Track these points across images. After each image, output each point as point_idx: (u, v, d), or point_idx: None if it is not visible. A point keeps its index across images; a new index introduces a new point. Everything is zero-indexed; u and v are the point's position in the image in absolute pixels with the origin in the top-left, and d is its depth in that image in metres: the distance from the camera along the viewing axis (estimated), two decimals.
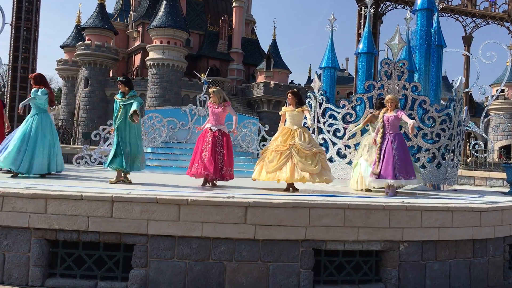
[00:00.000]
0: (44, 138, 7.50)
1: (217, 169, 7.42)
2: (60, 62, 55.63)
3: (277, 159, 7.09)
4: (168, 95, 44.11)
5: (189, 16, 51.40)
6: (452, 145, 9.28)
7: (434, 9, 10.80)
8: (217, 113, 7.71)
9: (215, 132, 7.59)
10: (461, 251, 6.05)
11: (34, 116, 7.54)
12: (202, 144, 7.55)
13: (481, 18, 26.25)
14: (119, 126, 7.20)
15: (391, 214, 5.59)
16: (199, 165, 7.39)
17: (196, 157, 7.52)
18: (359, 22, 21.39)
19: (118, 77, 7.92)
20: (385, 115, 7.44)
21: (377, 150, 7.33)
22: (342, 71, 58.37)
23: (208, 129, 7.66)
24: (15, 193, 5.17)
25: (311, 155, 7.12)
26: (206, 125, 7.80)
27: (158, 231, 5.15)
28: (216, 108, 7.73)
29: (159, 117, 12.36)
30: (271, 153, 7.22)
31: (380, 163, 7.23)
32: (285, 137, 7.30)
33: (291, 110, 7.47)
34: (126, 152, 7.15)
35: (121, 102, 7.25)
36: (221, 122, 7.74)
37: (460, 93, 9.60)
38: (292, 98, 7.54)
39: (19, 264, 5.17)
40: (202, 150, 7.49)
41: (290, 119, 7.49)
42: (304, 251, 5.38)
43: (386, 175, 7.16)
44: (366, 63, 10.92)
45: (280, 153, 7.12)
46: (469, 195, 8.25)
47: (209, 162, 7.33)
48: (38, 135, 7.43)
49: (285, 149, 7.11)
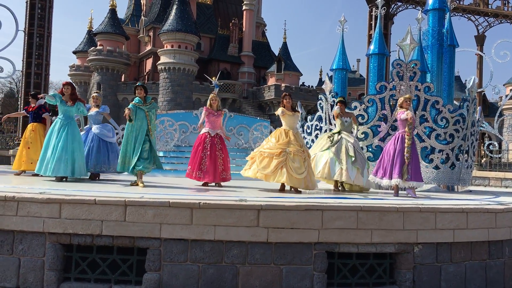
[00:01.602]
0: (80, 144, 7.88)
1: (217, 173, 7.88)
2: (73, 68, 56.18)
3: (268, 161, 7.12)
4: (180, 99, 44.32)
5: (200, 20, 51.61)
6: (466, 145, 9.19)
7: (446, 8, 10.73)
8: (214, 120, 8.17)
9: (214, 137, 8.05)
10: (477, 253, 5.98)
11: (66, 124, 7.81)
12: (202, 151, 7.94)
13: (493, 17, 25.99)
14: (147, 129, 7.50)
15: (404, 216, 5.55)
16: (199, 173, 7.88)
17: (195, 161, 7.95)
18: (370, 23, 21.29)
19: (139, 82, 8.15)
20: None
21: (408, 154, 7.14)
22: (353, 73, 58.20)
23: (207, 134, 8.05)
24: (29, 197, 5.22)
25: (301, 160, 7.17)
26: (203, 130, 8.19)
27: (171, 235, 5.16)
28: (214, 115, 8.17)
29: (171, 121, 12.42)
30: (261, 154, 7.24)
31: (408, 167, 7.16)
32: (279, 139, 7.31)
33: (290, 113, 7.53)
34: (147, 155, 7.44)
35: (145, 108, 7.51)
36: (218, 127, 8.21)
37: (474, 93, 9.51)
38: (291, 101, 7.63)
39: (34, 268, 5.22)
40: (201, 157, 7.90)
41: (287, 122, 7.53)
42: (317, 254, 5.35)
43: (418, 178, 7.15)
44: (377, 64, 10.87)
45: (272, 154, 7.16)
46: (484, 196, 8.16)
47: (209, 170, 7.83)
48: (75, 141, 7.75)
49: (279, 151, 7.13)
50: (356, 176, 7.95)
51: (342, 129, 8.31)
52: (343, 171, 7.87)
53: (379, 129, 9.02)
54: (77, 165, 7.73)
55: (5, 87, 65.18)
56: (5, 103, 65.04)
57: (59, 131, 7.73)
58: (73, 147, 7.71)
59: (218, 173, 7.91)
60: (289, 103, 7.60)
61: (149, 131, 7.51)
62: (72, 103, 7.99)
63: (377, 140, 9.01)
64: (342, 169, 7.89)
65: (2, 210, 5.18)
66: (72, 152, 7.68)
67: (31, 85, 15.80)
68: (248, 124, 12.89)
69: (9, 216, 5.17)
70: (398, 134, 7.33)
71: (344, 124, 8.34)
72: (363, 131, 9.09)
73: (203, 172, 7.86)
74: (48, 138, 7.82)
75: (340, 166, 7.90)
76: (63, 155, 7.58)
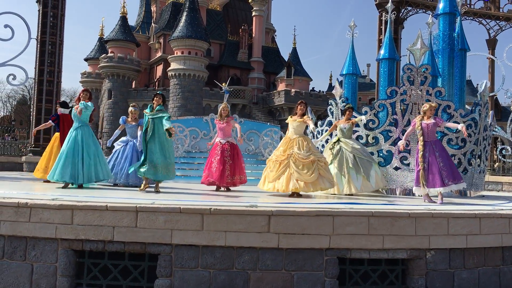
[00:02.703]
0: (89, 149, 7.90)
1: (223, 176, 8.27)
2: (84, 75, 56.72)
3: (276, 169, 7.61)
4: (190, 105, 44.48)
5: (209, 26, 51.84)
6: (478, 150, 9.10)
7: (457, 13, 10.68)
8: (223, 128, 8.63)
9: (224, 145, 8.52)
10: (490, 259, 5.91)
11: (77, 130, 7.90)
12: (212, 156, 8.49)
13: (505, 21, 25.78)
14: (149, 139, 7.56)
15: (416, 222, 5.50)
16: (207, 174, 8.40)
17: (206, 166, 8.50)
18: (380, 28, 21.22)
19: (159, 91, 8.34)
20: (423, 122, 7.29)
21: (421, 158, 7.15)
22: (364, 77, 57.98)
23: (218, 143, 8.58)
24: (42, 204, 5.26)
25: (308, 163, 7.41)
26: (215, 140, 8.74)
27: (182, 241, 5.17)
28: (222, 124, 8.65)
29: (181, 127, 12.46)
30: (273, 163, 7.73)
31: (426, 173, 7.10)
32: (285, 146, 7.72)
33: (294, 120, 7.85)
34: (153, 162, 7.47)
35: (150, 115, 7.58)
36: (228, 135, 8.66)
37: (485, 97, 9.43)
38: (304, 107, 7.93)
39: (47, 275, 5.25)
40: (212, 161, 8.44)
41: (292, 128, 7.85)
42: (328, 260, 5.33)
43: (434, 184, 7.06)
44: (388, 69, 10.84)
45: (279, 162, 7.60)
46: (497, 201, 8.07)
47: (216, 171, 8.25)
48: (84, 146, 7.83)
49: (284, 158, 7.55)
50: (363, 184, 8.23)
51: (340, 136, 8.59)
52: (350, 185, 8.17)
53: (390, 134, 8.98)
54: (86, 170, 7.77)
55: (17, 94, 66.05)
56: (17, 110, 65.85)
57: (73, 138, 7.84)
58: (83, 153, 7.77)
59: (225, 177, 8.30)
60: (302, 110, 7.90)
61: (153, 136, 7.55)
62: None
63: (388, 145, 8.98)
64: (348, 183, 8.18)
65: (15, 216, 5.23)
66: (82, 158, 7.74)
67: (44, 92, 15.92)
68: (258, 129, 12.89)
69: (22, 223, 5.22)
70: (430, 143, 7.23)
71: (343, 131, 8.60)
72: (374, 136, 9.06)
73: (210, 172, 8.38)
74: (64, 145, 7.93)
75: (346, 180, 8.18)
76: (71, 161, 7.64)
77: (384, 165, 9.00)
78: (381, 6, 20.50)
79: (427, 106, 7.36)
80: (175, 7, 51.94)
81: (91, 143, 7.97)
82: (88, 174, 7.80)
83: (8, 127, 30.79)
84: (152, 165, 7.44)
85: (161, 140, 7.51)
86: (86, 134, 7.95)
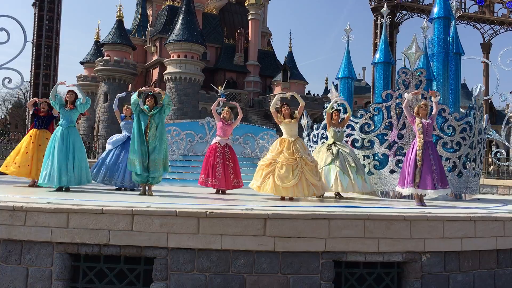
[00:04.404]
0: (81, 153, 7.88)
1: (229, 182, 8.48)
2: (80, 78, 56.55)
3: (291, 174, 7.19)
4: (186, 109, 44.44)
5: (206, 29, 51.87)
6: (473, 153, 9.14)
7: (451, 17, 10.74)
8: (226, 129, 8.82)
9: (224, 147, 8.65)
10: (485, 262, 5.93)
11: (67, 129, 7.81)
12: (215, 159, 8.48)
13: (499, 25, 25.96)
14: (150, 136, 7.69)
15: (412, 225, 5.52)
16: (216, 180, 8.41)
17: (208, 169, 8.49)
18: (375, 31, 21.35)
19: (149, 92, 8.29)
20: (424, 120, 7.26)
21: (419, 157, 7.08)
22: (359, 81, 58.22)
23: (217, 144, 8.65)
24: (37, 207, 5.25)
25: (313, 168, 7.43)
26: (214, 140, 8.85)
27: (178, 244, 5.17)
28: (226, 124, 8.83)
29: (177, 130, 12.46)
30: (282, 166, 7.28)
31: (420, 172, 7.09)
32: (290, 149, 7.42)
33: (288, 121, 7.71)
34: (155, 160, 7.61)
35: (148, 114, 7.70)
36: (227, 136, 8.88)
37: (480, 101, 9.48)
38: (288, 108, 7.83)
39: (42, 278, 5.23)
40: (215, 165, 8.44)
41: (287, 130, 7.70)
42: (324, 263, 5.34)
43: (426, 185, 7.05)
44: (383, 72, 10.88)
45: (292, 166, 7.25)
46: (492, 204, 8.10)
47: (224, 179, 8.42)
48: (76, 150, 7.77)
49: (295, 163, 7.27)
50: (362, 185, 8.24)
51: (335, 139, 8.57)
52: (353, 183, 8.12)
53: (385, 137, 9.01)
54: (77, 173, 7.72)
55: (13, 97, 65.81)
56: (13, 114, 65.60)
57: (60, 139, 7.71)
58: (74, 155, 7.72)
59: (230, 181, 8.50)
60: (287, 110, 7.81)
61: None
62: (71, 107, 8.01)
63: (384, 148, 9.01)
64: (351, 182, 8.12)
65: (11, 220, 5.21)
66: (72, 160, 7.68)
67: (39, 96, 15.93)
68: (254, 133, 12.90)
69: (17, 226, 5.20)
70: (428, 143, 7.21)
71: (336, 134, 8.61)
72: (369, 139, 9.09)
73: (218, 179, 8.42)
74: (49, 145, 7.79)
75: (349, 179, 8.13)
76: (63, 165, 7.57)
77: (380, 168, 9.03)
78: (376, 10, 20.62)
79: (417, 108, 7.40)
80: (172, 11, 51.94)
81: (81, 146, 7.95)
82: (79, 177, 7.75)
83: (3, 131, 30.72)
84: (155, 164, 7.53)
85: (161, 131, 7.74)
86: (75, 136, 7.89)
